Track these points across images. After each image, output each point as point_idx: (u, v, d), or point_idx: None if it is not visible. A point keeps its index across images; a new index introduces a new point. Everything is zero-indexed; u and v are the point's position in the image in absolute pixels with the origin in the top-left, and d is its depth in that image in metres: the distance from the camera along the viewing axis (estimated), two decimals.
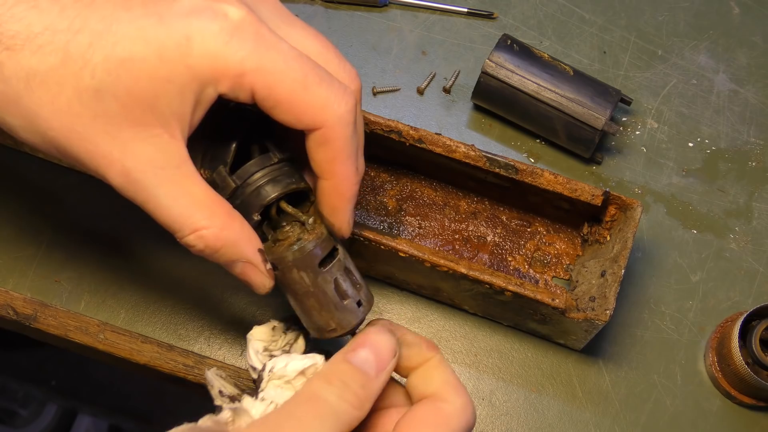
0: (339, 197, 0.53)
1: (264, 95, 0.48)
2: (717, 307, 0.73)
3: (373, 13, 0.83)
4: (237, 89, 0.48)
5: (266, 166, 0.53)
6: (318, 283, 0.53)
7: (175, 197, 0.49)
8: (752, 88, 0.82)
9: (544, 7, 0.84)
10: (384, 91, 0.80)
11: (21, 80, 0.46)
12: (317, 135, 0.50)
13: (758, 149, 0.80)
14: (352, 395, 0.48)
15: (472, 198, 0.74)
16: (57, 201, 0.73)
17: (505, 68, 0.74)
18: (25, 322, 0.69)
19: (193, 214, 0.49)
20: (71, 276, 0.70)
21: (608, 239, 0.69)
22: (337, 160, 0.51)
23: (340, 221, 0.54)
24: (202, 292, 0.71)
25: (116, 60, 0.46)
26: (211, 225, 0.50)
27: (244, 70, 0.47)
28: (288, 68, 0.48)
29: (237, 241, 0.51)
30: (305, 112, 0.49)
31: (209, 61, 0.47)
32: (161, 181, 0.49)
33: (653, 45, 0.83)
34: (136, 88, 0.46)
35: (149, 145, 0.48)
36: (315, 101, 0.49)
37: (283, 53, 0.48)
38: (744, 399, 0.69)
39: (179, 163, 0.49)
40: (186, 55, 0.46)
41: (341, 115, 0.50)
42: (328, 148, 0.51)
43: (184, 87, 0.47)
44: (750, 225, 0.76)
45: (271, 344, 0.55)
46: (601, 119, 0.73)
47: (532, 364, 0.71)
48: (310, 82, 0.49)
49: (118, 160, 0.48)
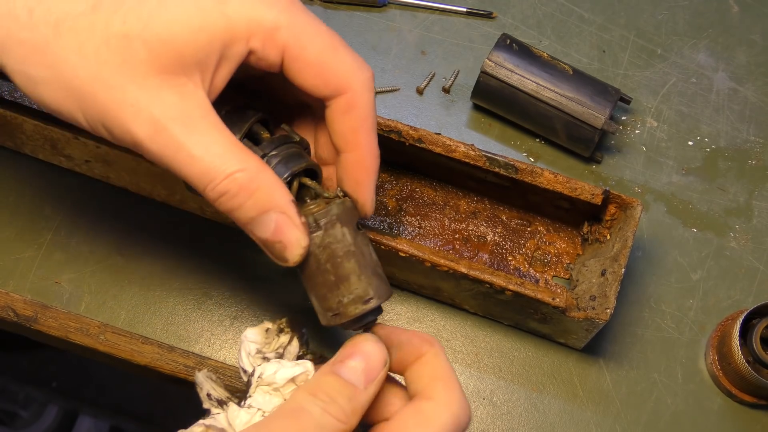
0: (363, 170, 0.52)
1: (295, 54, 0.48)
2: (717, 305, 0.73)
3: (372, 13, 0.83)
4: (268, 46, 0.48)
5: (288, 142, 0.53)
6: (359, 243, 0.51)
7: (206, 144, 0.47)
8: (752, 87, 0.82)
9: (543, 7, 0.84)
10: (383, 91, 0.80)
11: (50, 26, 0.46)
12: (341, 102, 0.50)
13: (758, 147, 0.80)
14: (338, 409, 0.47)
15: (472, 197, 0.74)
16: (57, 203, 0.73)
17: (505, 68, 0.74)
18: (25, 324, 0.69)
19: (226, 161, 0.47)
20: (72, 277, 0.70)
21: (608, 238, 0.69)
22: (362, 130, 0.51)
23: (364, 197, 0.53)
24: (202, 293, 0.71)
25: (150, 5, 0.46)
26: (246, 168, 0.48)
27: (278, 25, 0.48)
28: (318, 30, 0.49)
29: (272, 186, 0.49)
30: (334, 74, 0.49)
31: (246, 11, 0.47)
32: (190, 129, 0.47)
33: (652, 44, 0.83)
34: (166, 34, 0.46)
35: (175, 93, 0.47)
36: (343, 64, 0.49)
37: (313, 18, 0.49)
38: (745, 397, 0.69)
39: (205, 112, 0.48)
40: (222, 4, 0.47)
41: (366, 78, 0.50)
42: (352, 116, 0.50)
43: (215, 36, 0.47)
44: (750, 223, 0.76)
45: (264, 346, 0.54)
46: (600, 118, 0.73)
47: (533, 364, 0.71)
48: (338, 46, 0.49)
49: (145, 108, 0.46)
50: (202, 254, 0.71)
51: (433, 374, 0.50)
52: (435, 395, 0.48)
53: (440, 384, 0.49)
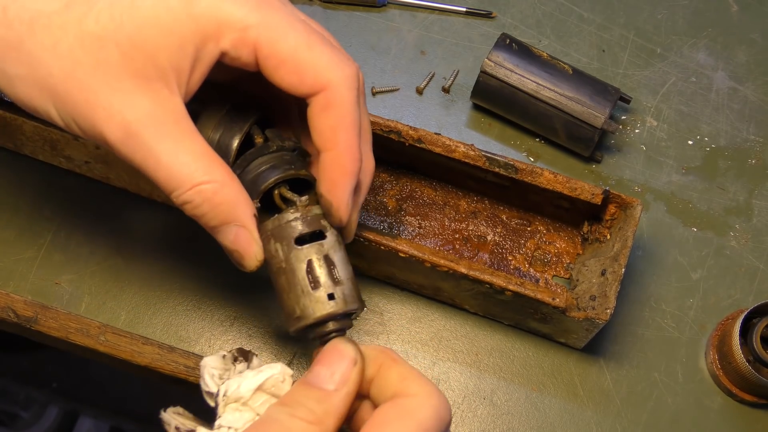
0: (339, 170, 0.50)
1: (267, 53, 0.48)
2: (718, 304, 0.73)
3: (371, 13, 0.83)
4: (240, 45, 0.47)
5: (265, 154, 0.53)
6: (290, 260, 0.51)
7: (176, 152, 0.48)
8: (751, 86, 0.82)
9: (542, 6, 0.84)
10: (383, 91, 0.80)
11: (24, 23, 0.46)
12: (320, 99, 0.49)
13: (758, 147, 0.80)
14: (306, 411, 0.46)
15: (472, 197, 0.74)
16: (57, 203, 0.73)
17: (504, 67, 0.74)
18: (26, 325, 0.69)
19: (193, 170, 0.48)
20: (72, 278, 0.70)
21: (608, 238, 0.69)
22: (340, 128, 0.49)
23: (338, 199, 0.51)
24: (202, 293, 0.71)
25: (121, 6, 0.46)
26: (212, 180, 0.49)
27: (248, 24, 0.47)
28: (291, 27, 0.48)
29: (235, 200, 0.50)
30: (309, 72, 0.48)
31: (214, 12, 0.46)
32: (161, 136, 0.47)
33: (652, 43, 0.83)
34: (138, 37, 0.46)
35: (149, 99, 0.47)
36: (320, 59, 0.48)
37: (287, 15, 0.48)
38: (745, 396, 0.69)
39: (178, 118, 0.48)
40: (191, 5, 0.46)
41: (346, 76, 0.49)
42: (330, 114, 0.49)
43: (186, 39, 0.46)
44: (750, 222, 0.76)
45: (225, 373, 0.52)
46: (600, 118, 0.73)
47: (533, 363, 0.71)
48: (314, 42, 0.48)
49: (118, 112, 0.47)
50: (202, 255, 0.71)
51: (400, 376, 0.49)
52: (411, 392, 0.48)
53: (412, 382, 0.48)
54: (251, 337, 0.70)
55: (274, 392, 0.50)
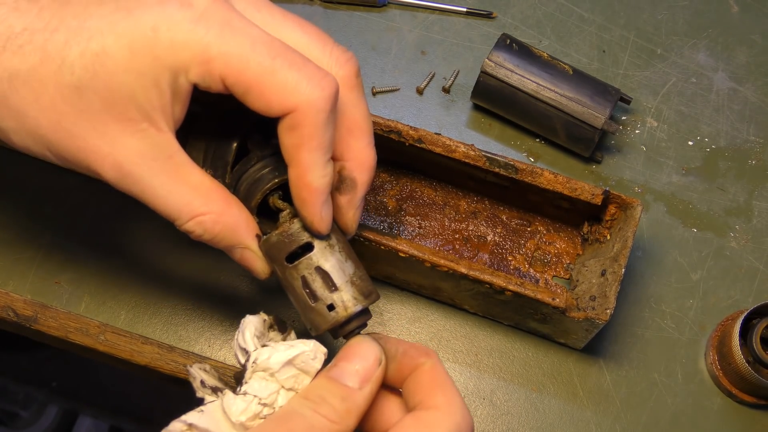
0: (305, 188, 0.51)
1: (232, 81, 0.48)
2: (717, 305, 0.73)
3: (372, 13, 0.83)
4: (207, 77, 0.48)
5: (250, 167, 0.54)
6: (287, 278, 0.53)
7: (171, 187, 0.49)
8: (751, 87, 0.82)
9: (543, 7, 0.84)
10: (383, 91, 0.80)
11: (5, 81, 0.47)
12: (287, 119, 0.49)
13: (758, 147, 0.80)
14: (329, 409, 0.47)
15: (472, 197, 0.74)
16: (57, 203, 0.73)
17: (505, 68, 0.74)
18: (25, 324, 0.69)
19: (190, 202, 0.50)
20: (71, 277, 0.70)
21: (608, 238, 0.69)
22: (304, 148, 0.49)
23: (311, 215, 0.51)
24: (202, 293, 0.71)
25: (91, 55, 0.46)
26: (209, 211, 0.50)
27: (209, 57, 0.47)
28: (255, 52, 0.47)
29: (235, 226, 0.51)
30: (274, 96, 0.48)
31: (174, 50, 0.47)
32: (155, 173, 0.49)
33: (652, 44, 0.83)
34: (112, 83, 0.47)
35: (137, 138, 0.48)
36: (284, 84, 0.48)
37: (250, 37, 0.48)
38: (745, 397, 0.69)
39: (171, 153, 0.49)
40: (153, 46, 0.46)
41: (312, 100, 0.48)
42: (294, 134, 0.49)
43: (157, 78, 0.47)
44: (750, 223, 0.76)
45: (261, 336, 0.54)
46: (600, 118, 0.73)
47: (533, 364, 0.71)
48: (278, 66, 0.48)
49: (108, 155, 0.48)
50: (202, 254, 0.71)
51: (432, 383, 0.49)
52: (435, 404, 0.48)
53: (440, 393, 0.49)
54: None
55: (303, 368, 0.51)
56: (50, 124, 0.47)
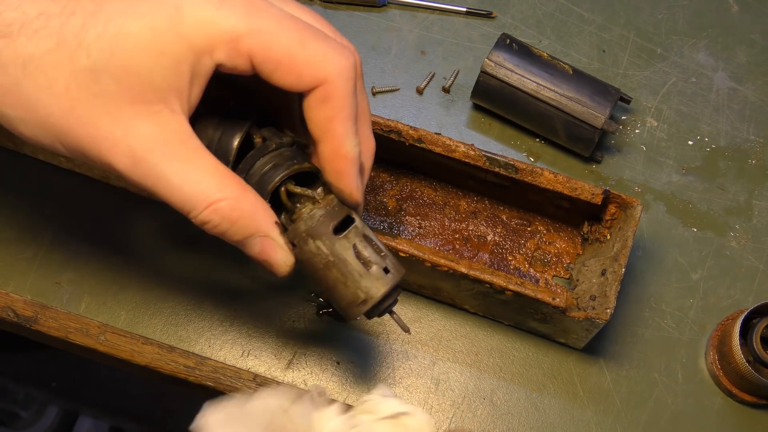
0: (342, 159, 0.51)
1: (262, 58, 0.47)
2: (717, 305, 0.73)
3: (371, 13, 0.83)
4: (234, 56, 0.47)
5: (266, 153, 0.53)
6: (336, 251, 0.51)
7: (185, 173, 0.48)
8: (751, 86, 0.82)
9: (542, 6, 0.84)
10: (383, 91, 0.80)
11: (18, 67, 0.46)
12: (317, 92, 0.49)
13: (758, 147, 0.80)
14: None
15: (472, 197, 0.74)
16: (57, 203, 0.73)
17: (505, 67, 0.74)
18: (25, 324, 0.69)
19: (205, 189, 0.48)
20: (71, 278, 0.70)
21: (608, 238, 0.69)
22: (337, 119, 0.49)
23: (349, 186, 0.52)
24: (202, 293, 0.71)
25: (109, 37, 0.46)
26: (226, 196, 0.49)
27: (238, 34, 0.47)
28: (282, 28, 0.48)
29: (253, 212, 0.50)
30: (306, 68, 0.48)
31: (202, 28, 0.46)
32: (168, 158, 0.47)
33: (652, 43, 0.83)
34: (131, 64, 0.46)
35: (151, 122, 0.47)
36: (315, 56, 0.48)
37: (275, 15, 0.48)
38: (745, 397, 0.69)
39: (184, 138, 0.48)
40: (178, 24, 0.46)
41: (343, 68, 0.49)
42: (327, 106, 0.49)
43: (179, 58, 0.46)
44: (750, 223, 0.76)
45: None
46: (600, 118, 0.73)
47: (533, 364, 0.71)
48: (307, 38, 0.48)
49: (121, 141, 0.47)
50: (202, 255, 0.71)
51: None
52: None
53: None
54: (251, 337, 0.70)
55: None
56: (62, 112, 0.46)
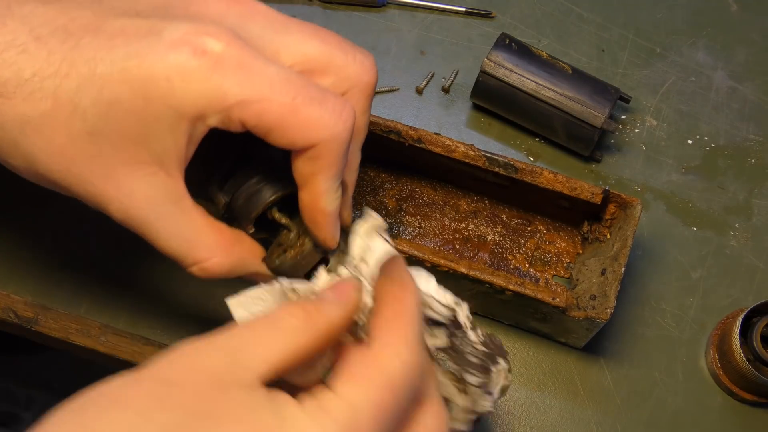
0: (320, 213, 0.51)
1: (254, 124, 0.47)
2: (718, 304, 0.73)
3: (371, 13, 0.83)
4: (227, 122, 0.47)
5: (251, 177, 0.53)
6: None
7: (174, 232, 0.50)
8: (751, 85, 0.82)
9: (542, 6, 0.84)
10: (383, 91, 0.80)
11: (16, 126, 0.47)
12: (308, 152, 0.49)
13: (757, 146, 0.80)
14: (297, 308, 0.45)
15: (472, 197, 0.74)
16: (58, 204, 0.73)
17: (504, 67, 0.74)
18: (26, 326, 0.69)
19: (192, 247, 0.51)
20: (72, 279, 0.70)
21: (608, 237, 0.69)
22: (320, 175, 0.50)
23: (324, 235, 0.52)
24: (203, 294, 0.71)
25: (104, 104, 0.46)
26: (212, 255, 0.51)
27: (228, 104, 0.46)
28: (274, 93, 0.47)
29: (241, 262, 0.52)
30: (298, 135, 0.48)
31: (191, 101, 0.46)
32: (158, 218, 0.50)
33: (651, 42, 0.83)
34: (126, 129, 0.47)
35: (145, 183, 0.48)
36: (307, 122, 0.48)
37: (268, 78, 0.47)
38: (745, 396, 0.69)
39: (176, 199, 0.50)
40: (168, 97, 0.46)
41: (335, 134, 0.48)
42: (314, 163, 0.49)
43: (173, 125, 0.47)
44: (750, 222, 0.76)
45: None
46: (600, 117, 0.73)
47: (533, 363, 0.71)
48: (300, 104, 0.47)
49: (115, 199, 0.49)
50: None
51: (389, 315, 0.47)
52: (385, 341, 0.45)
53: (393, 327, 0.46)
54: None
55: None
56: (60, 169, 0.48)
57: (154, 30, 0.47)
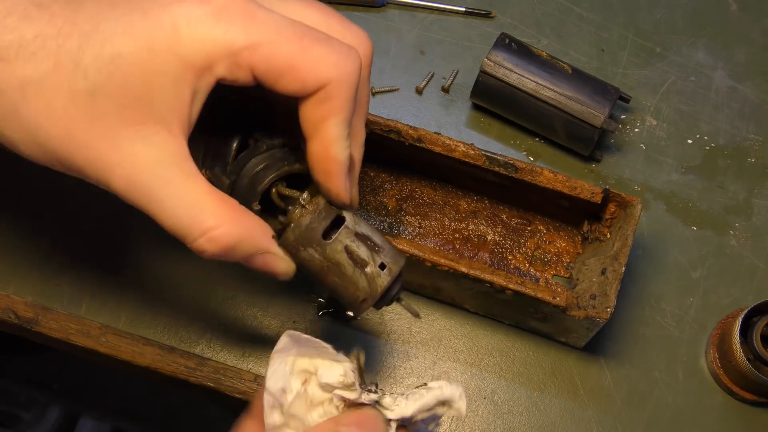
0: (330, 161, 0.50)
1: (264, 69, 0.47)
2: (718, 303, 0.73)
3: (371, 13, 0.83)
4: (235, 70, 0.47)
5: (257, 155, 0.53)
6: (329, 256, 0.51)
7: (179, 198, 0.48)
8: (751, 85, 0.82)
9: (542, 6, 0.84)
10: (383, 91, 0.80)
11: (16, 90, 0.46)
12: (318, 94, 0.48)
13: (757, 145, 0.80)
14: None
15: (472, 197, 0.74)
16: (57, 204, 0.73)
17: (504, 67, 0.74)
18: (26, 326, 0.69)
19: (198, 215, 0.48)
20: (72, 279, 0.70)
21: (608, 237, 0.69)
22: (330, 120, 0.49)
23: (336, 186, 0.51)
24: (203, 293, 0.71)
25: (106, 58, 0.45)
26: (220, 223, 0.48)
27: (237, 48, 0.46)
28: (281, 36, 0.47)
29: (250, 234, 0.50)
30: (309, 74, 0.48)
31: (200, 46, 0.46)
32: (163, 182, 0.48)
33: (651, 42, 0.83)
34: (128, 85, 0.46)
35: (148, 144, 0.47)
36: (317, 61, 0.48)
37: (274, 23, 0.47)
38: (745, 395, 0.69)
39: (180, 161, 0.48)
40: (175, 43, 0.46)
41: (346, 71, 0.48)
42: (324, 106, 0.49)
43: (178, 78, 0.46)
44: (750, 221, 0.76)
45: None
46: (600, 117, 0.73)
47: (534, 363, 0.71)
48: (308, 44, 0.48)
49: (118, 164, 0.47)
50: None
51: None
52: None
53: None
54: (251, 337, 0.70)
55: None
56: (60, 134, 0.47)
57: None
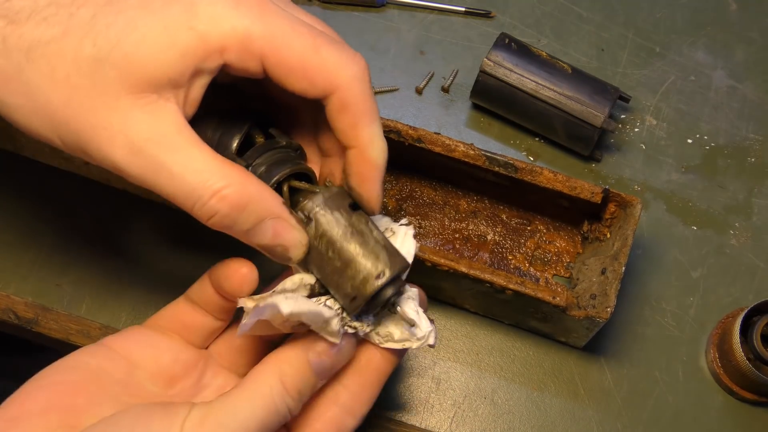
0: (366, 163, 0.51)
1: (275, 61, 0.47)
2: (718, 303, 0.73)
3: (370, 13, 0.83)
4: (245, 57, 0.47)
5: (275, 148, 0.53)
6: (355, 223, 0.50)
7: (186, 162, 0.47)
8: (750, 84, 0.82)
9: (541, 6, 0.84)
10: (382, 91, 0.80)
11: (22, 52, 0.46)
12: (335, 100, 0.49)
13: (757, 145, 0.80)
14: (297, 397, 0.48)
15: (472, 197, 0.74)
16: (57, 205, 0.73)
17: (504, 67, 0.74)
18: (26, 326, 0.69)
19: (208, 177, 0.47)
20: (72, 279, 0.70)
21: (608, 237, 0.69)
22: (360, 124, 0.50)
23: (369, 191, 0.52)
24: None
25: (118, 28, 0.46)
26: (230, 183, 0.47)
27: (252, 35, 0.47)
28: (296, 33, 0.48)
29: (261, 195, 0.49)
30: (319, 74, 0.48)
31: (216, 23, 0.46)
32: (168, 149, 0.47)
33: (651, 42, 0.83)
34: (135, 54, 0.46)
35: (148, 113, 0.46)
36: (328, 62, 0.48)
37: (289, 20, 0.48)
38: (745, 395, 0.69)
39: (180, 128, 0.47)
40: (191, 18, 0.46)
41: (356, 74, 0.49)
42: (348, 113, 0.49)
43: (186, 54, 0.46)
44: (750, 221, 0.77)
45: None
46: (599, 117, 0.73)
47: (534, 363, 0.71)
48: (320, 44, 0.48)
49: (119, 131, 0.46)
50: (203, 256, 0.71)
51: None
52: None
53: None
54: None
55: None
56: (61, 100, 0.46)
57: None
